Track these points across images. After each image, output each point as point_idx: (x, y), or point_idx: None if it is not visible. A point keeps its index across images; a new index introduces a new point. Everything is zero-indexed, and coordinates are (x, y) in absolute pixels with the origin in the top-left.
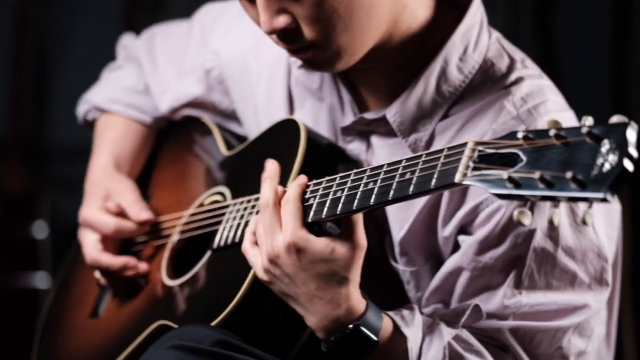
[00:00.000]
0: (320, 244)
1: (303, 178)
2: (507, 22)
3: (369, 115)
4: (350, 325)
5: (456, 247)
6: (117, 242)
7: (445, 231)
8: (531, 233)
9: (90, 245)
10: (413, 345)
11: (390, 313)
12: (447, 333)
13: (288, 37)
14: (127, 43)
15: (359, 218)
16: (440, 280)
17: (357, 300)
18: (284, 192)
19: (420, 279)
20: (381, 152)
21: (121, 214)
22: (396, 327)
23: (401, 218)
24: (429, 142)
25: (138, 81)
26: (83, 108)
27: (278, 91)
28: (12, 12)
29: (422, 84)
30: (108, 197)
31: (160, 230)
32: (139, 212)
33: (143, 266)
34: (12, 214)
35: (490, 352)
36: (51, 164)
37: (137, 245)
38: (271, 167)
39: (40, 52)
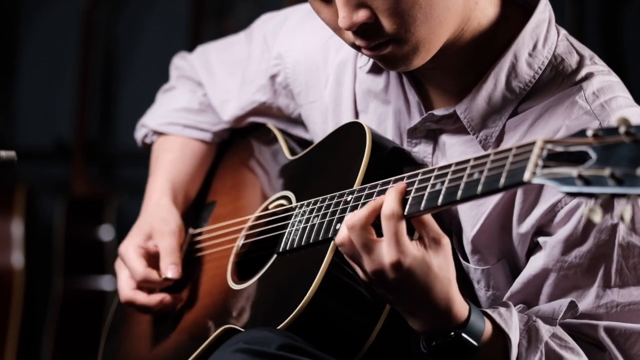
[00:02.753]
0: (422, 254)
1: (402, 185)
2: (572, 24)
3: (439, 112)
4: (452, 333)
5: (531, 247)
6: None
7: (521, 228)
8: (614, 228)
9: (124, 282)
10: (514, 344)
11: (489, 311)
12: (545, 331)
13: (367, 33)
14: (179, 63)
15: (428, 215)
16: (524, 283)
17: (460, 305)
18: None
19: (491, 277)
20: (453, 150)
21: (156, 257)
22: (496, 327)
23: (473, 215)
24: (499, 138)
25: (192, 99)
26: (141, 132)
27: (344, 95)
28: (80, 17)
29: (492, 79)
30: (150, 237)
31: (225, 235)
32: (167, 267)
33: (180, 297)
34: (79, 218)
35: (586, 349)
36: (117, 168)
37: (200, 251)
38: (401, 185)
39: (106, 57)
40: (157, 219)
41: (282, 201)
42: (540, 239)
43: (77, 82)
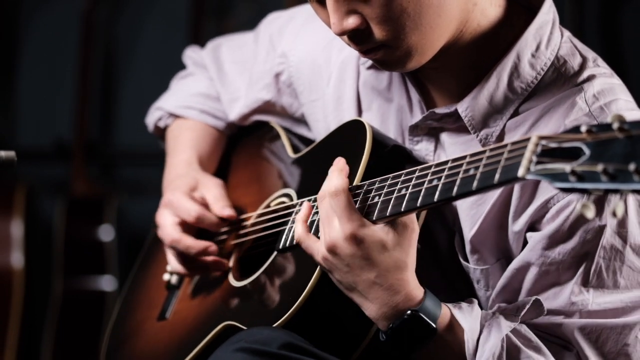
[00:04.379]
0: (378, 232)
1: (341, 162)
2: (572, 24)
3: (440, 110)
4: (409, 311)
5: (526, 245)
6: (195, 232)
7: (515, 226)
8: (601, 229)
9: (171, 226)
10: (470, 337)
11: (450, 305)
12: (505, 326)
13: (358, 38)
14: (193, 54)
15: None
16: (508, 277)
17: (415, 287)
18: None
19: (491, 277)
20: (453, 149)
21: (205, 206)
22: (454, 318)
23: (472, 215)
24: (500, 138)
25: (210, 86)
26: (155, 115)
27: (347, 93)
28: (80, 17)
29: (494, 79)
30: (195, 189)
31: (228, 232)
32: (222, 208)
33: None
34: (79, 218)
35: (552, 349)
36: (117, 168)
37: None
38: (339, 162)
39: (106, 57)
40: (198, 174)
41: (284, 199)
42: (528, 234)
43: (77, 82)
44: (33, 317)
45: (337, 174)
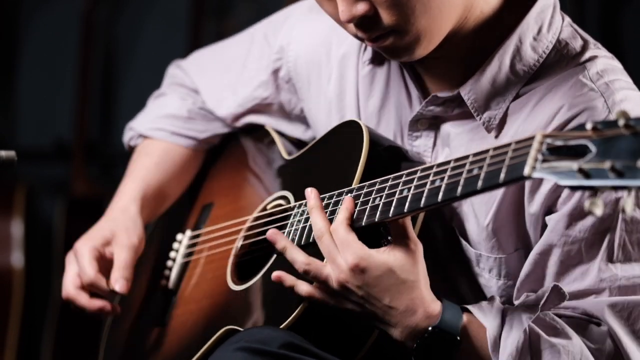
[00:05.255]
0: (381, 256)
1: (349, 201)
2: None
3: (443, 94)
4: (430, 328)
5: (544, 230)
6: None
7: (532, 207)
8: (618, 202)
9: (71, 278)
10: (491, 334)
11: (469, 306)
12: (526, 318)
13: (367, 25)
14: (173, 72)
15: (406, 219)
16: (532, 264)
17: (432, 302)
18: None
19: (504, 266)
20: (459, 139)
21: (111, 264)
22: (476, 320)
23: (486, 202)
24: (502, 121)
25: (181, 107)
26: (128, 135)
27: (348, 89)
28: (80, 17)
29: (496, 62)
30: (109, 243)
31: (224, 237)
32: (116, 280)
33: (118, 308)
34: (79, 218)
35: (579, 329)
36: (117, 168)
37: (199, 252)
38: (314, 196)
39: (106, 57)
40: (121, 228)
41: (281, 201)
42: (547, 217)
43: (77, 82)
44: (33, 317)
45: (342, 214)
